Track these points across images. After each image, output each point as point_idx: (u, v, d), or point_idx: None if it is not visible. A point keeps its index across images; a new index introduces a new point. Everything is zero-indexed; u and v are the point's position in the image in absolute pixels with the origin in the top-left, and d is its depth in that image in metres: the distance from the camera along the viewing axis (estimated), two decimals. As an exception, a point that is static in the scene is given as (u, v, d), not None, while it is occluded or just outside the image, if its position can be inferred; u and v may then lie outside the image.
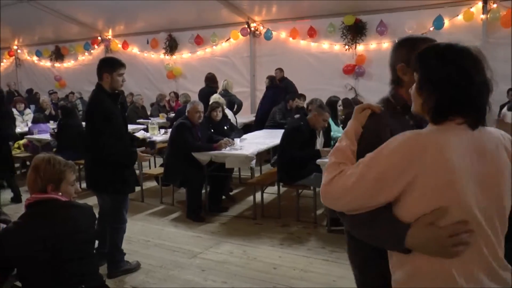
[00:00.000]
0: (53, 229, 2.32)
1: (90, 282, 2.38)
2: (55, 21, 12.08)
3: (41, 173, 2.40)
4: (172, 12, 10.51)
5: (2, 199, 6.35)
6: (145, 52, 12.39)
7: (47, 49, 14.36)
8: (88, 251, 2.48)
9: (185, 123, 5.70)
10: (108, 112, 3.85)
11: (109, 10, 11.21)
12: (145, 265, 4.30)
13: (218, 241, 4.86)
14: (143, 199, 6.47)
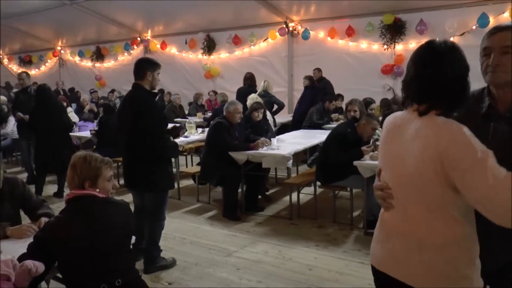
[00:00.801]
0: (89, 224, 2.39)
1: (126, 276, 2.42)
2: (97, 22, 12.41)
3: (78, 170, 2.49)
4: (211, 12, 10.60)
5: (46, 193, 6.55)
6: (183, 52, 12.53)
7: (89, 50, 14.74)
8: (124, 246, 2.53)
9: (223, 122, 5.72)
10: (155, 110, 4.05)
11: (149, 11, 11.41)
12: (180, 262, 4.34)
13: (254, 241, 4.85)
14: (180, 197, 6.53)
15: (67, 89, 14.74)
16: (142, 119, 3.90)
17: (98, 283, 2.31)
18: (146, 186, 4.07)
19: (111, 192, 2.62)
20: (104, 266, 2.36)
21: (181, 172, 6.79)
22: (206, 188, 6.36)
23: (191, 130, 7.48)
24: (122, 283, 2.37)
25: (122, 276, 2.39)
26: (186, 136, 7.08)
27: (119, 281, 2.36)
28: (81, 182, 2.48)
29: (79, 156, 2.56)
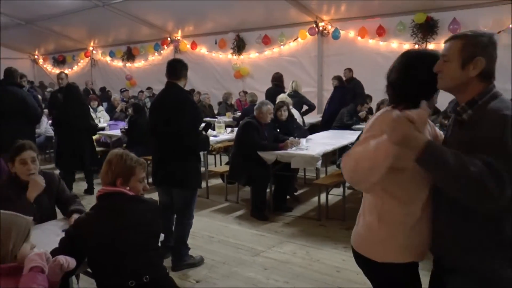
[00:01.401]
0: (117, 221, 2.43)
1: (154, 273, 2.44)
2: (128, 23, 12.62)
3: (112, 167, 2.54)
4: (241, 12, 10.63)
5: (76, 190, 6.68)
6: (213, 52, 12.60)
7: (120, 50, 14.99)
8: (152, 243, 2.55)
9: (252, 122, 5.73)
10: (196, 108, 4.19)
11: (179, 12, 11.52)
12: (208, 260, 4.37)
13: (281, 241, 4.83)
14: (208, 196, 6.58)
15: (98, 88, 15.03)
16: (183, 117, 3.98)
17: (126, 279, 2.35)
18: (179, 183, 4.11)
19: (141, 193, 2.66)
20: (131, 263, 2.39)
21: (210, 171, 6.83)
22: (235, 188, 6.37)
23: (220, 129, 7.52)
24: (150, 280, 2.40)
25: (149, 272, 2.41)
26: (215, 136, 7.12)
27: (146, 277, 2.39)
28: (113, 178, 2.53)
29: (115, 153, 2.60)
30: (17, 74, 6.51)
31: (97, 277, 2.48)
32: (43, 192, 3.12)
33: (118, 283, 2.36)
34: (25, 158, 3.05)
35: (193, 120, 4.10)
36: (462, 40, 1.79)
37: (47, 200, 3.17)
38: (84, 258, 2.44)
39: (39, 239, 2.57)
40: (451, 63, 1.78)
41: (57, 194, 3.25)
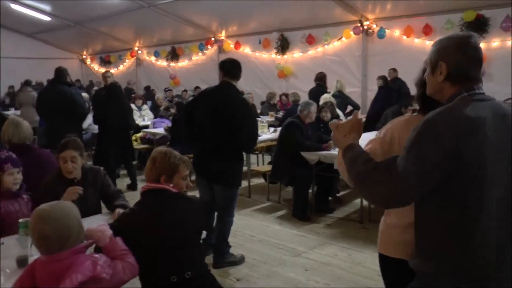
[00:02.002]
0: (161, 217, 2.47)
1: (196, 270, 2.47)
2: (173, 23, 12.85)
3: (156, 164, 2.59)
4: (285, 12, 10.62)
5: (119, 186, 6.88)
6: (256, 52, 12.65)
7: (164, 50, 15.25)
8: (194, 240, 2.58)
9: (296, 122, 5.74)
10: (251, 108, 4.32)
11: (223, 12, 11.62)
12: (249, 259, 4.41)
13: (323, 242, 4.82)
14: (250, 195, 6.63)
15: (143, 87, 15.38)
16: (243, 117, 4.05)
17: (168, 274, 2.39)
18: (223, 181, 4.16)
19: (184, 191, 2.71)
20: (174, 259, 2.43)
21: (252, 170, 6.88)
22: (277, 187, 6.40)
23: (263, 129, 7.55)
24: (192, 276, 2.42)
25: (191, 269, 2.44)
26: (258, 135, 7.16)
27: (188, 274, 2.41)
28: (157, 175, 2.57)
29: (160, 150, 2.66)
30: (66, 73, 6.79)
31: (140, 273, 2.47)
32: (90, 187, 3.27)
33: (160, 279, 2.40)
34: (65, 156, 3.18)
35: (254, 121, 4.26)
36: (433, 46, 1.83)
37: (93, 194, 3.31)
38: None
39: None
40: (428, 70, 1.85)
41: (102, 189, 3.38)
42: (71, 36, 16.56)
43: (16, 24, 16.54)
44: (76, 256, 1.97)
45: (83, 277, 1.88)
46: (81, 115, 6.80)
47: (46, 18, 14.84)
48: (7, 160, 2.98)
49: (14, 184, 2.99)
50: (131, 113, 7.41)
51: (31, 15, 14.71)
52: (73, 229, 1.99)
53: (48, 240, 1.93)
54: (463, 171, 1.60)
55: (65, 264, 1.92)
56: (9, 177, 2.96)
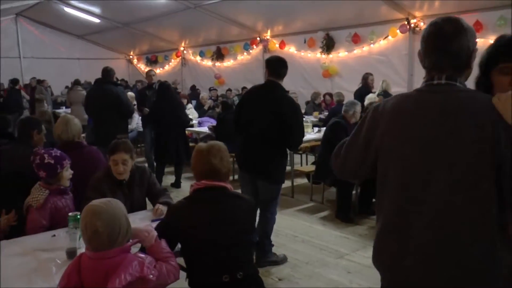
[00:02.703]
0: (216, 214, 2.47)
1: (247, 270, 2.47)
2: (218, 24, 12.99)
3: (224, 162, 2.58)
4: (331, 11, 10.54)
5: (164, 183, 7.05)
6: (301, 51, 12.61)
7: (210, 50, 15.43)
8: (247, 240, 2.57)
9: (341, 122, 5.71)
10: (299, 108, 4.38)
11: (269, 12, 11.65)
12: (291, 259, 4.43)
13: (366, 245, 4.77)
14: (293, 195, 6.65)
15: (189, 87, 15.64)
16: (292, 116, 4.11)
17: (220, 273, 2.38)
18: (268, 177, 4.20)
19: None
20: (227, 258, 2.42)
21: (295, 170, 6.89)
22: (320, 188, 6.39)
23: (307, 129, 7.52)
24: (243, 276, 2.42)
25: (243, 269, 2.43)
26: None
27: (240, 274, 2.41)
28: (224, 173, 2.58)
29: (212, 146, 2.64)
30: (113, 73, 7.02)
31: (190, 270, 2.51)
32: (136, 185, 3.39)
33: (212, 277, 2.40)
34: (116, 159, 3.28)
35: (302, 120, 4.34)
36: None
37: (139, 193, 3.42)
38: (175, 245, 2.50)
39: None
40: None
41: (148, 187, 3.48)
42: (119, 37, 17.09)
43: (69, 26, 17.26)
44: (124, 255, 2.02)
45: (131, 277, 1.92)
46: (126, 114, 7.02)
47: (96, 20, 15.39)
48: (63, 156, 3.14)
49: (68, 180, 3.16)
50: (183, 109, 7.59)
51: (82, 17, 15.29)
52: (122, 227, 2.05)
53: (100, 236, 1.97)
54: (376, 157, 1.79)
55: (113, 262, 1.97)
56: (66, 172, 3.13)
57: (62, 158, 3.11)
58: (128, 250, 2.07)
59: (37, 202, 2.98)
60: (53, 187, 3.09)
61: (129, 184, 3.40)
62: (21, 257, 2.53)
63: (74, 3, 14.20)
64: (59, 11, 15.22)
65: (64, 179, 3.12)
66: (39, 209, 2.98)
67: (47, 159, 3.05)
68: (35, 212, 2.98)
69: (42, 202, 2.98)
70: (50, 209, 3.01)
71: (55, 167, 3.06)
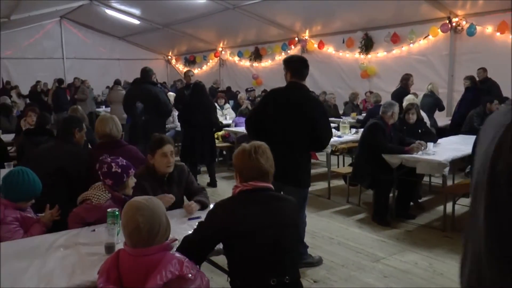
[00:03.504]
0: (264, 217, 2.42)
1: (293, 275, 2.43)
2: (257, 24, 13.06)
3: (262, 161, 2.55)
4: (370, 10, 10.42)
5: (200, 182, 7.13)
6: (340, 52, 12.51)
7: (248, 50, 15.52)
8: (294, 244, 2.56)
9: (379, 123, 5.62)
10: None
11: (307, 12, 11.62)
12: (327, 262, 4.39)
13: (403, 249, 4.69)
14: (330, 197, 6.60)
15: (226, 87, 15.77)
16: (320, 117, 4.05)
17: (268, 276, 2.33)
18: (295, 181, 4.13)
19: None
20: (275, 261, 2.38)
21: (332, 171, 6.83)
22: (357, 190, 6.32)
23: (345, 130, 7.49)
24: (290, 281, 2.37)
25: (290, 273, 2.39)
26: (339, 136, 7.12)
27: (287, 278, 2.36)
28: (266, 174, 2.56)
29: (255, 146, 2.62)
30: (152, 73, 7.15)
31: (234, 271, 2.47)
32: (175, 183, 3.46)
33: (259, 280, 2.35)
34: (165, 151, 3.36)
35: (328, 120, 4.26)
36: None
37: (177, 191, 3.48)
38: (215, 245, 2.48)
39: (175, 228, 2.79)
40: None
41: (186, 186, 3.55)
42: (158, 38, 17.40)
43: (110, 28, 17.72)
44: (164, 252, 2.03)
45: (172, 275, 1.94)
46: (164, 113, 7.12)
47: (136, 21, 15.72)
48: (129, 165, 3.17)
49: (132, 188, 3.19)
50: (214, 111, 7.66)
51: (123, 19, 15.66)
52: (162, 225, 2.07)
53: (140, 232, 1.99)
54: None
55: (153, 259, 1.99)
56: (131, 180, 3.17)
57: (128, 167, 3.15)
58: (167, 248, 2.09)
59: (98, 201, 3.04)
60: (117, 194, 3.12)
61: (168, 181, 3.46)
62: (63, 250, 2.63)
63: (115, 5, 14.55)
64: (100, 13, 15.64)
65: (129, 187, 3.16)
66: (97, 207, 3.02)
67: (114, 168, 3.08)
68: (90, 208, 3.04)
69: (102, 203, 3.03)
70: (104, 212, 3.01)
71: (122, 176, 3.10)
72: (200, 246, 2.44)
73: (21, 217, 2.99)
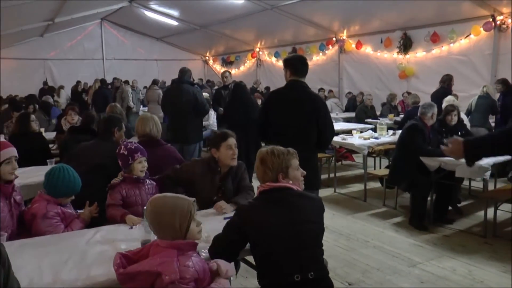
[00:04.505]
0: (287, 214, 2.47)
1: (318, 271, 2.44)
2: (294, 24, 13.02)
3: (269, 165, 2.60)
4: (410, 9, 10.23)
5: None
6: (378, 52, 12.32)
7: (285, 51, 15.45)
8: (318, 241, 2.55)
9: (418, 124, 5.51)
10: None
11: (345, 11, 11.53)
12: (362, 265, 4.34)
13: (441, 254, 4.57)
14: (366, 199, 6.51)
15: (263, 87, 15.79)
16: (325, 114, 4.06)
17: (292, 272, 2.36)
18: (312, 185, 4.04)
19: (301, 180, 2.73)
20: (299, 257, 2.41)
21: (368, 173, 6.73)
22: (394, 193, 6.20)
23: (382, 131, 7.37)
24: (314, 277, 2.39)
25: (314, 269, 2.41)
26: (376, 138, 7.01)
27: (311, 274, 2.38)
28: (274, 175, 2.59)
29: (266, 151, 2.67)
30: (190, 73, 7.24)
31: (261, 269, 2.52)
32: (231, 176, 3.56)
33: (284, 276, 2.38)
34: (230, 144, 3.49)
35: (331, 118, 4.22)
36: None
37: (231, 183, 3.57)
38: (244, 246, 2.54)
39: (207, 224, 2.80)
40: None
41: (238, 181, 3.61)
42: (195, 39, 17.60)
43: (148, 29, 18.07)
44: (171, 251, 2.09)
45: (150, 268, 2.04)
46: (202, 113, 7.20)
47: (174, 22, 15.96)
48: (136, 150, 3.40)
49: (141, 171, 3.41)
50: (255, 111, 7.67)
51: (161, 20, 15.92)
52: (171, 224, 2.14)
53: (152, 224, 2.19)
54: None
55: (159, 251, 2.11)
56: (138, 165, 3.39)
57: (134, 151, 3.39)
58: (177, 246, 2.12)
59: (112, 185, 3.38)
60: (127, 175, 3.38)
61: (225, 175, 3.56)
62: (100, 245, 2.71)
63: (154, 6, 14.80)
64: (139, 15, 15.95)
65: (136, 170, 3.38)
66: (110, 193, 3.36)
67: (123, 150, 3.40)
68: (108, 197, 3.36)
69: (114, 185, 3.37)
70: (120, 192, 3.33)
71: (127, 159, 3.37)
72: (228, 245, 2.53)
73: (62, 212, 3.11)
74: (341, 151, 7.99)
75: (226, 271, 2.26)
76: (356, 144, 6.63)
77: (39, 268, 2.37)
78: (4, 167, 2.90)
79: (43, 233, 2.94)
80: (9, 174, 2.95)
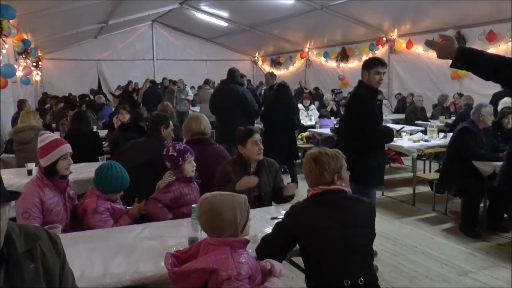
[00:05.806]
0: (340, 217, 2.45)
1: (368, 277, 2.41)
2: (344, 24, 12.89)
3: (326, 166, 2.56)
4: (463, 7, 9.89)
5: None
6: (429, 52, 11.94)
7: (334, 51, 15.34)
8: (369, 246, 2.53)
9: (470, 127, 5.31)
10: (366, 102, 4.27)
11: (396, 10, 11.30)
12: (410, 271, 4.23)
13: (494, 264, 4.37)
14: (414, 203, 6.34)
15: (312, 87, 15.70)
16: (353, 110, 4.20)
17: (342, 277, 2.35)
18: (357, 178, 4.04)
19: (348, 181, 2.69)
20: (350, 262, 2.39)
21: (418, 177, 6.55)
22: (444, 198, 6.01)
23: (432, 134, 7.15)
24: (364, 283, 2.36)
25: (364, 275, 2.38)
26: (426, 140, 6.83)
27: (361, 280, 2.36)
28: (331, 176, 2.56)
29: (319, 152, 2.63)
30: (239, 73, 7.30)
31: (310, 272, 2.51)
32: (265, 172, 3.62)
33: (334, 281, 2.37)
34: (256, 139, 3.57)
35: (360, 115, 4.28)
36: None
37: (268, 181, 3.63)
38: (293, 247, 2.54)
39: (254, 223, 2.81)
40: None
41: (273, 180, 3.67)
42: (245, 40, 17.74)
43: (198, 30, 18.38)
44: (224, 248, 2.09)
45: (206, 266, 2.03)
46: (251, 113, 7.23)
47: (224, 23, 16.15)
48: (186, 150, 3.45)
49: (192, 171, 3.47)
50: (297, 113, 7.65)
51: (211, 21, 16.14)
52: (223, 221, 2.13)
53: (202, 223, 2.18)
54: None
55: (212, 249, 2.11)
56: (188, 165, 3.44)
57: (184, 152, 3.42)
58: (230, 244, 2.11)
59: (163, 184, 3.38)
60: (180, 175, 3.41)
61: (258, 169, 3.62)
62: (148, 241, 2.78)
63: (204, 8, 15.02)
64: (190, 16, 16.25)
65: (186, 170, 3.42)
66: (162, 189, 3.36)
67: (171, 151, 3.42)
68: (158, 193, 3.38)
69: (165, 184, 3.36)
70: (174, 192, 3.36)
71: (177, 160, 3.40)
72: (277, 246, 2.51)
73: (111, 207, 3.22)
74: (389, 153, 7.82)
75: (280, 270, 2.25)
76: (405, 147, 6.48)
77: (89, 260, 2.46)
78: (60, 163, 3.06)
79: (93, 227, 3.06)
80: (65, 170, 3.10)
